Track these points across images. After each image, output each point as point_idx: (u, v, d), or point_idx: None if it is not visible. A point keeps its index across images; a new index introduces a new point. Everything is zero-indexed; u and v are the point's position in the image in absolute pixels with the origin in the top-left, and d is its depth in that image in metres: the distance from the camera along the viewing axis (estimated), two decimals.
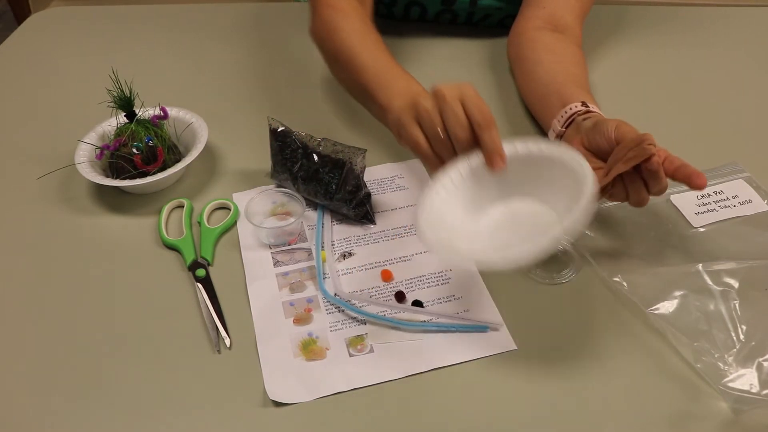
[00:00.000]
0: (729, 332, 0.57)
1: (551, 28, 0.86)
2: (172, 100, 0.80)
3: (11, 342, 0.60)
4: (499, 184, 0.61)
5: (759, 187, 0.73)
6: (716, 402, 0.53)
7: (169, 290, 0.65)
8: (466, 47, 1.02)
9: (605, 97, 0.89)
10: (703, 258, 0.63)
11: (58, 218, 0.73)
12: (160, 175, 0.71)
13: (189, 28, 1.10)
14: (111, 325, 0.61)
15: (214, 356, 0.58)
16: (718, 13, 1.10)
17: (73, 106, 0.91)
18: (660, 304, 0.59)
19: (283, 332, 0.60)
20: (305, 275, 0.65)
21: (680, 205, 0.71)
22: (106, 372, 0.57)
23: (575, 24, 0.87)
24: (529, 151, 0.60)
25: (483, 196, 0.62)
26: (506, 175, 0.60)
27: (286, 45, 1.03)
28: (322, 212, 0.71)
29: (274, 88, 0.94)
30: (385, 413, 0.54)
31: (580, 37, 0.87)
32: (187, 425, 0.53)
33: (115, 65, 0.77)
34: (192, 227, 0.71)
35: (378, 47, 0.76)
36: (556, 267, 0.65)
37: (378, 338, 0.59)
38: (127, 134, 0.73)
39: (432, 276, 0.65)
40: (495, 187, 0.61)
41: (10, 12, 2.37)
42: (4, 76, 1.00)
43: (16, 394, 0.56)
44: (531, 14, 0.89)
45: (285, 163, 0.71)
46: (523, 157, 0.60)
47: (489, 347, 0.58)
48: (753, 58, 0.98)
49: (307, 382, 0.56)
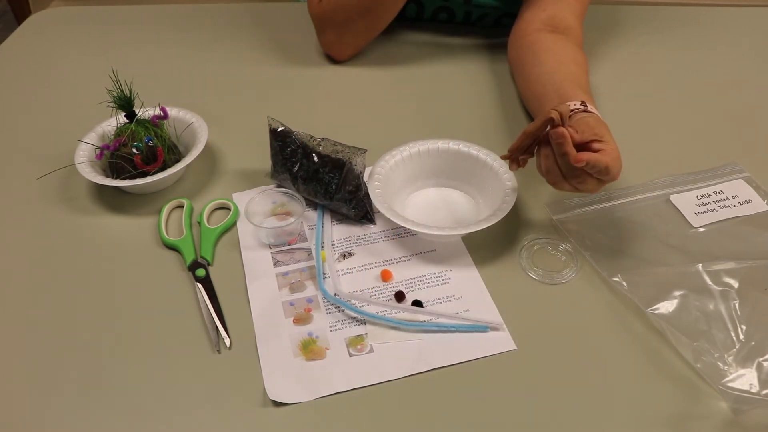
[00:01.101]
0: (729, 332, 0.57)
1: (551, 29, 0.86)
2: (172, 100, 0.80)
3: (11, 342, 0.60)
4: (434, 172, 0.74)
5: (759, 187, 0.73)
6: (716, 402, 0.53)
7: (169, 290, 0.65)
8: (464, 47, 1.02)
9: (605, 97, 0.89)
10: (703, 258, 0.63)
11: (58, 218, 0.73)
12: (160, 175, 0.71)
13: (189, 28, 1.10)
14: (111, 325, 0.61)
15: (214, 356, 0.58)
16: (718, 13, 1.10)
17: (73, 106, 0.91)
18: (660, 304, 0.59)
19: (283, 332, 0.60)
20: (305, 275, 0.65)
21: (680, 205, 0.71)
22: (106, 372, 0.57)
23: (576, 24, 0.87)
24: (458, 149, 0.73)
25: (419, 177, 0.73)
26: (440, 166, 0.73)
27: (286, 45, 1.03)
28: (322, 212, 0.71)
29: (274, 88, 0.94)
30: (385, 413, 0.54)
31: (582, 37, 0.87)
32: (187, 425, 0.53)
33: (115, 65, 0.77)
34: (192, 227, 0.71)
35: None
36: (556, 267, 0.65)
37: (378, 338, 0.59)
38: (127, 134, 0.73)
39: (432, 276, 0.65)
40: (432, 174, 0.74)
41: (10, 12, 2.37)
42: (4, 76, 1.00)
43: (16, 394, 0.56)
44: (531, 17, 0.88)
45: (285, 163, 0.71)
46: (453, 152, 0.73)
47: (489, 347, 0.58)
48: (753, 58, 0.98)
49: (307, 382, 0.56)
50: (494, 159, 0.71)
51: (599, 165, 0.58)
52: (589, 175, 0.60)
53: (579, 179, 0.60)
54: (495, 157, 0.71)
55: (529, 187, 0.74)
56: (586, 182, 0.61)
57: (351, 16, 0.91)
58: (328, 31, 0.95)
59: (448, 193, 0.74)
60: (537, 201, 0.73)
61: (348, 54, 0.97)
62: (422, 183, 0.74)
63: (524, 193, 0.72)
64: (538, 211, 0.72)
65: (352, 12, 0.91)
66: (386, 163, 0.71)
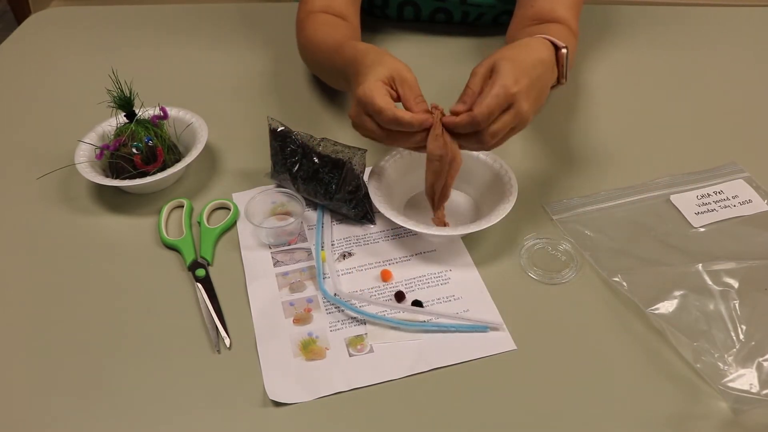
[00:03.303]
0: (729, 332, 0.57)
1: (539, 22, 0.84)
2: (172, 100, 0.80)
3: (11, 342, 0.60)
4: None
5: (759, 187, 0.73)
6: (716, 402, 0.53)
7: (169, 290, 0.65)
8: (463, 47, 1.02)
9: (604, 97, 0.89)
10: (703, 258, 0.63)
11: (58, 218, 0.73)
12: (160, 175, 0.71)
13: (189, 28, 1.10)
14: (111, 325, 0.61)
15: (214, 356, 0.58)
16: (718, 13, 1.10)
17: (73, 106, 0.91)
18: (660, 303, 0.59)
19: (282, 332, 0.60)
20: (305, 275, 0.65)
21: (680, 205, 0.71)
22: (106, 372, 0.57)
23: (569, 16, 0.84)
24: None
25: (419, 177, 0.69)
26: None
27: (286, 45, 1.03)
28: (322, 212, 0.71)
29: (274, 88, 0.94)
30: (385, 413, 0.54)
31: (576, 28, 0.84)
32: (187, 425, 0.53)
33: (115, 65, 0.77)
34: (192, 227, 0.71)
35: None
36: (556, 267, 0.65)
37: (378, 338, 0.59)
38: (127, 134, 0.73)
39: (432, 276, 0.65)
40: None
41: (10, 12, 2.37)
42: (4, 76, 1.00)
43: (16, 394, 0.56)
44: (521, 15, 0.87)
45: (285, 163, 0.71)
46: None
47: (489, 347, 0.58)
48: (752, 58, 0.98)
49: (306, 382, 0.56)
50: (494, 159, 0.71)
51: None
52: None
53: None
54: (495, 157, 0.71)
55: (529, 187, 0.74)
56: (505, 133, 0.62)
57: (313, 67, 0.91)
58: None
59: None
60: (537, 201, 0.73)
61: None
62: (422, 183, 0.74)
63: (524, 193, 0.72)
64: (538, 211, 0.72)
65: (311, 65, 0.91)
66: (386, 163, 0.71)
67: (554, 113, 0.86)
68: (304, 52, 0.89)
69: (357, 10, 0.91)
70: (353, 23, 0.89)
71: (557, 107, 0.87)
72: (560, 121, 0.85)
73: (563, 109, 0.87)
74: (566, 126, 0.84)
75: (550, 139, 0.82)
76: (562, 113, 0.86)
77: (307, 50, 0.88)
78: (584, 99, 0.90)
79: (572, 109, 0.88)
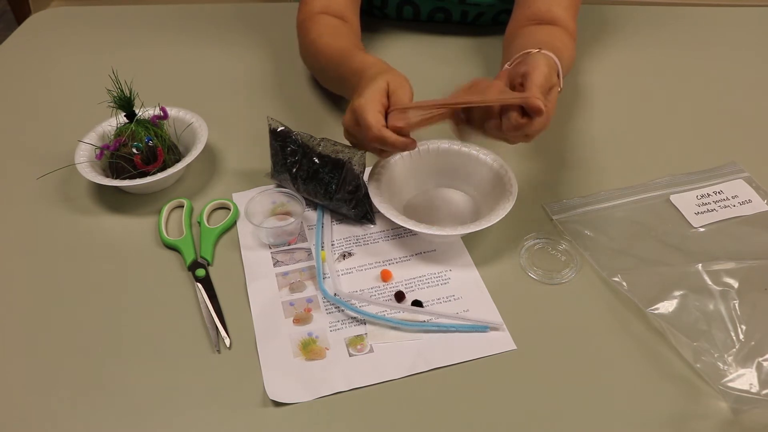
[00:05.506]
0: (728, 332, 0.57)
1: (537, 23, 0.85)
2: (172, 100, 0.80)
3: (11, 342, 0.60)
4: (434, 172, 0.73)
5: (759, 187, 0.73)
6: (716, 402, 0.53)
7: (169, 290, 0.65)
8: (463, 47, 1.02)
9: (604, 97, 0.89)
10: (703, 258, 0.63)
11: (58, 218, 0.73)
12: (160, 175, 0.71)
13: (189, 28, 1.10)
14: (111, 325, 0.61)
15: (214, 356, 0.58)
16: (718, 13, 1.10)
17: (73, 106, 0.91)
18: (660, 303, 0.59)
19: (282, 332, 0.60)
20: (305, 275, 0.65)
21: (680, 205, 0.71)
22: (106, 372, 0.57)
23: (565, 16, 0.84)
24: (458, 149, 0.72)
25: (419, 177, 0.73)
26: (440, 166, 0.73)
27: (286, 45, 1.03)
28: (321, 212, 0.71)
29: (274, 88, 0.94)
30: (385, 413, 0.54)
31: (573, 29, 0.85)
32: (187, 425, 0.53)
33: (115, 65, 0.77)
34: (192, 227, 0.71)
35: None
36: (556, 267, 0.65)
37: (378, 338, 0.59)
38: (127, 134, 0.73)
39: (432, 276, 0.65)
40: (431, 174, 0.73)
41: (10, 12, 2.37)
42: (4, 76, 1.00)
43: (16, 394, 0.56)
44: (518, 15, 0.87)
45: (285, 163, 0.71)
46: (453, 152, 0.73)
47: (489, 347, 0.58)
48: (753, 58, 0.98)
49: (306, 382, 0.56)
50: (494, 159, 0.71)
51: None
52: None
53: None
54: (495, 157, 0.71)
55: (529, 187, 0.74)
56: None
57: (315, 71, 0.91)
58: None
59: (448, 193, 0.74)
60: (537, 201, 0.73)
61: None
62: (422, 183, 0.74)
63: (524, 193, 0.72)
64: (538, 211, 0.72)
65: (313, 69, 0.92)
66: (386, 163, 0.71)
67: (554, 113, 0.85)
68: (307, 55, 0.89)
69: (357, 10, 0.91)
70: (354, 24, 0.90)
71: (557, 107, 0.87)
72: (560, 121, 0.85)
73: (563, 109, 0.87)
74: (566, 126, 0.85)
75: (550, 139, 0.82)
76: (561, 113, 0.86)
77: (310, 54, 0.88)
78: (584, 99, 0.90)
79: (572, 109, 0.88)
